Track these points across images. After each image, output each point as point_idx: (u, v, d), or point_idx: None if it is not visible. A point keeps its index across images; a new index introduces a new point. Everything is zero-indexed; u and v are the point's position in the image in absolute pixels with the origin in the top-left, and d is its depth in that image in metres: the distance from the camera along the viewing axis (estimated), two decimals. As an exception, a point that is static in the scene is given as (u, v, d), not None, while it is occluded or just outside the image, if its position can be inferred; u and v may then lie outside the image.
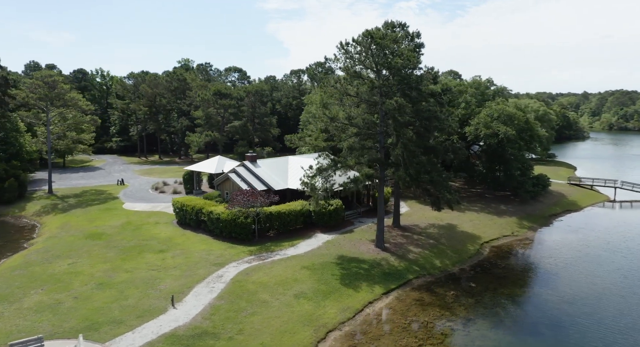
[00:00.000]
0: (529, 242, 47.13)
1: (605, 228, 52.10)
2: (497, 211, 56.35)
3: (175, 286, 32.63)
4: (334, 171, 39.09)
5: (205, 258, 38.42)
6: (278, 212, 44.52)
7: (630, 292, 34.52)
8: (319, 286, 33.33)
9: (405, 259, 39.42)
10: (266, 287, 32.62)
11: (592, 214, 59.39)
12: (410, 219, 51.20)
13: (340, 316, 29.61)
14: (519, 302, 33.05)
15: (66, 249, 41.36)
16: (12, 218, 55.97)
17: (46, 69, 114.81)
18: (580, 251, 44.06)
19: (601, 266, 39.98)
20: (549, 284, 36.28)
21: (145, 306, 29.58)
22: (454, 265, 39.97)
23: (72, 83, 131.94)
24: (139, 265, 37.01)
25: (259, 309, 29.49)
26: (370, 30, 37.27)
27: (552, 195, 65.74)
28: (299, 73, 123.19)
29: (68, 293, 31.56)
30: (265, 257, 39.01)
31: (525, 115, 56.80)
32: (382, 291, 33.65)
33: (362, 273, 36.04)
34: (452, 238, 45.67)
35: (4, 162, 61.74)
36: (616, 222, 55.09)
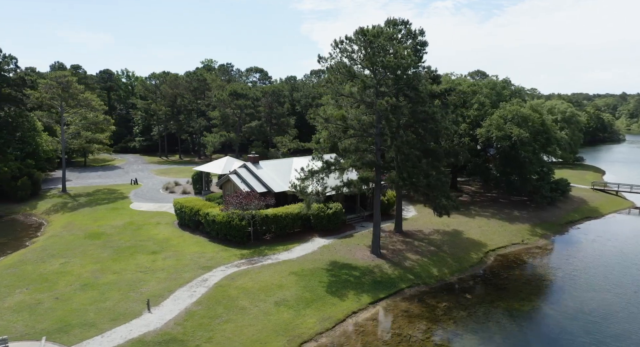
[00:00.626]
0: (539, 251, 44.52)
1: (626, 238, 48.80)
2: (509, 216, 53.70)
3: (157, 289, 32.15)
4: (327, 174, 37.84)
5: (196, 261, 37.87)
6: (274, 215, 43.61)
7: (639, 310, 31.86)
8: (303, 293, 32.17)
9: (401, 267, 37.76)
10: (248, 293, 31.70)
11: (613, 222, 55.86)
12: (416, 225, 49.34)
13: (318, 326, 28.36)
14: (515, 316, 30.93)
15: (63, 248, 41.68)
16: (23, 216, 57.23)
17: (70, 69, 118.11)
18: (593, 262, 41.24)
19: (612, 279, 37.20)
20: (552, 297, 33.92)
21: (122, 309, 29.15)
22: (452, 274, 38.01)
23: (98, 83, 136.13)
24: (128, 266, 36.79)
25: (234, 316, 28.59)
26: (363, 27, 35.84)
27: (573, 201, 62.35)
28: (319, 73, 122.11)
29: (51, 293, 31.54)
30: (256, 261, 38.14)
31: (541, 116, 53.85)
32: (369, 301, 32.17)
33: (352, 281, 34.65)
34: (456, 245, 43.61)
35: (18, 161, 63.24)
36: (638, 232, 51.56)
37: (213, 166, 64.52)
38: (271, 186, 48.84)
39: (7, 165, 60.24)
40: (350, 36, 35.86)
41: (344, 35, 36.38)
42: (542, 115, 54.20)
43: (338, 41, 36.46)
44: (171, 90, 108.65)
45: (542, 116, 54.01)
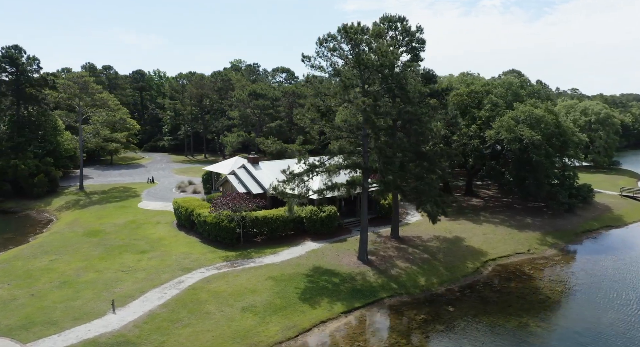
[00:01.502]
0: (545, 262, 41.60)
1: (646, 250, 44.96)
2: (520, 224, 50.65)
3: (130, 290, 32.12)
4: (311, 177, 36.71)
5: (179, 262, 37.72)
6: (264, 217, 42.92)
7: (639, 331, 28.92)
8: (275, 299, 31.25)
9: (386, 275, 36.14)
10: (218, 297, 31.11)
11: (636, 232, 51.69)
12: (416, 230, 47.35)
13: (280, 335, 27.37)
14: (497, 333, 28.77)
15: (59, 245, 42.64)
16: (36, 212, 59.33)
17: (101, 69, 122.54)
18: (600, 276, 38.07)
19: (618, 296, 34.11)
20: (545, 313, 31.38)
21: (89, 308, 29.24)
22: (441, 284, 36.00)
23: (130, 83, 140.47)
24: (112, 265, 37.08)
25: (195, 320, 28.05)
26: (346, 24, 34.50)
27: (595, 207, 58.27)
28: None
29: (29, 289, 32.13)
30: (240, 264, 37.56)
31: (556, 118, 50.38)
32: (342, 310, 30.84)
33: (329, 288, 33.41)
34: (453, 253, 41.43)
35: (37, 159, 65.67)
36: (664, 244, 47.43)
37: (222, 166, 64.62)
38: (267, 187, 48.21)
39: (25, 163, 62.68)
40: (333, 33, 34.61)
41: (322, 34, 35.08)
42: (558, 116, 50.70)
43: (322, 39, 35.29)
44: (196, 90, 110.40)
45: (558, 117, 50.51)
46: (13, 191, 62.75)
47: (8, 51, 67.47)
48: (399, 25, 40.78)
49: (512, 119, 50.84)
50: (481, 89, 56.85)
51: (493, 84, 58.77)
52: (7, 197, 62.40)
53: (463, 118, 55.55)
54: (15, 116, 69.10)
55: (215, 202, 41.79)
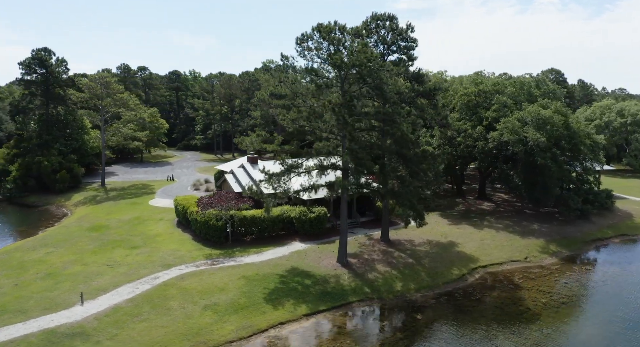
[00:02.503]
0: (539, 271, 39.44)
1: (658, 262, 41.65)
2: (525, 230, 48.26)
3: (105, 284, 33.30)
4: (289, 177, 36.63)
5: (164, 258, 38.73)
6: (252, 216, 43.28)
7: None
8: (240, 298, 31.46)
9: (362, 279, 35.51)
10: (185, 294, 31.69)
11: None
12: (411, 234, 46.19)
13: (233, 334, 27.53)
14: (459, 344, 27.59)
15: (61, 238, 44.86)
16: (55, 206, 62.67)
17: (135, 70, 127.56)
18: (596, 288, 35.68)
19: (605, 311, 31.80)
20: (518, 326, 29.75)
21: (61, 299, 30.59)
22: (418, 291, 34.92)
23: (166, 84, 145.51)
24: (100, 259, 38.59)
25: (154, 316, 28.70)
26: (321, 24, 34.15)
27: (615, 214, 54.62)
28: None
29: (15, 279, 34.02)
30: (220, 262, 38.09)
31: (565, 119, 47.51)
32: (305, 312, 30.59)
33: (299, 289, 33.23)
34: (441, 259, 40.10)
35: (61, 156, 69.29)
36: (682, 256, 43.75)
37: (232, 165, 65.70)
38: (261, 187, 48.48)
39: (49, 160, 66.32)
40: (309, 33, 34.37)
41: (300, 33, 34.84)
42: (568, 117, 47.78)
43: (300, 38, 35.13)
44: (224, 91, 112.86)
45: (567, 118, 47.59)
46: (37, 186, 66.59)
47: (38, 53, 71.66)
48: (388, 24, 40.00)
49: (519, 120, 48.54)
50: (491, 89, 54.53)
51: (504, 83, 56.22)
52: (32, 191, 66.28)
53: (469, 119, 53.62)
54: (44, 115, 73.30)
55: (201, 202, 42.57)
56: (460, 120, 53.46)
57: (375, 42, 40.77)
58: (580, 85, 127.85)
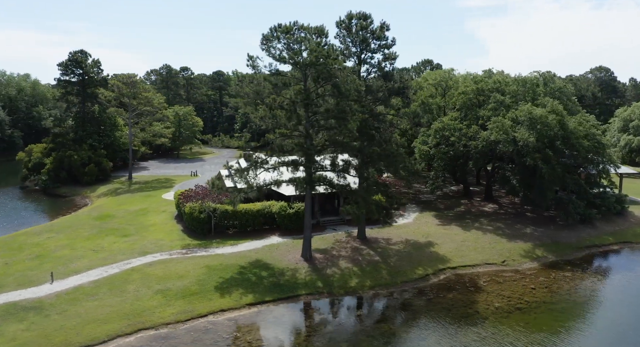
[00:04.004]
0: (512, 275, 38.13)
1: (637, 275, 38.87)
2: (515, 233, 46.57)
3: (81, 266, 36.43)
4: (257, 173, 38.08)
5: (145, 246, 41.52)
6: (233, 210, 45.17)
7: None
8: (193, 285, 33.37)
9: (319, 273, 36.26)
10: (145, 279, 34.06)
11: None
12: (392, 233, 46.07)
13: (172, 317, 29.41)
14: (383, 342, 27.75)
15: (66, 225, 49.17)
16: (80, 197, 68.14)
17: (178, 70, 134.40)
18: (563, 296, 34.04)
19: (555, 320, 30.49)
20: (457, 329, 29.26)
21: (36, 277, 33.94)
22: (372, 288, 35.10)
23: (210, 83, 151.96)
24: (89, 245, 42.05)
25: (108, 296, 31.21)
26: (281, 23, 35.21)
27: (624, 220, 51.17)
28: (402, 71, 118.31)
29: (8, 259, 38.02)
30: (193, 252, 40.29)
31: (562, 118, 45.16)
32: (249, 301, 31.91)
33: (253, 280, 34.62)
34: (410, 258, 39.87)
35: (91, 150, 75.10)
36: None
37: (242, 162, 68.23)
38: (251, 183, 50.27)
39: (79, 154, 72.17)
40: (267, 34, 35.56)
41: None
42: (564, 117, 45.41)
43: (264, 38, 36.42)
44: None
45: (564, 118, 45.24)
46: (68, 178, 72.62)
47: (74, 55, 78.10)
48: (361, 23, 40.32)
49: (512, 119, 46.90)
50: (490, 87, 52.81)
51: (506, 81, 54.16)
52: (63, 183, 72.40)
53: (466, 118, 52.33)
54: (80, 113, 79.72)
55: (183, 194, 45.06)
56: (456, 119, 52.31)
57: (352, 41, 41.18)
58: (632, 84, 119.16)
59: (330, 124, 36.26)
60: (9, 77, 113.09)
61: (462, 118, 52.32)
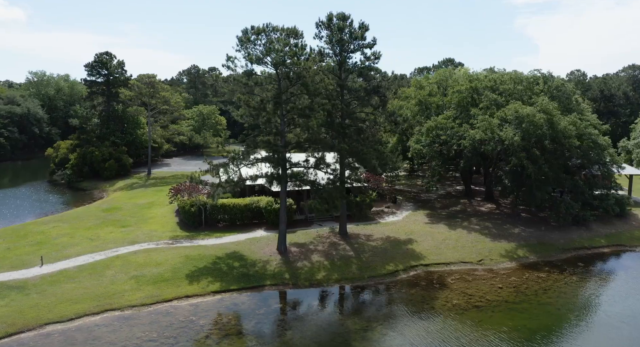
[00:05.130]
0: (484, 274, 38.05)
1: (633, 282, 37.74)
2: (501, 233, 46.14)
3: (73, 253, 39.42)
4: (237, 168, 39.92)
5: (136, 236, 44.24)
6: (222, 204, 47.28)
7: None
8: (166, 272, 35.56)
9: (289, 266, 37.65)
10: (125, 266, 36.58)
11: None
12: (375, 230, 46.78)
13: (139, 300, 31.60)
14: (325, 333, 28.81)
15: (74, 216, 52.91)
16: (99, 191, 72.51)
17: (206, 70, 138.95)
18: (529, 296, 33.84)
19: (511, 322, 30.48)
20: (405, 323, 29.84)
21: (29, 261, 37.12)
22: (338, 281, 36.11)
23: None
24: (88, 234, 45.23)
25: (86, 280, 33.86)
26: (254, 26, 36.78)
27: (625, 223, 49.50)
28: (424, 71, 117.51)
29: (11, 244, 41.58)
30: (178, 243, 42.63)
31: (550, 117, 44.22)
32: (215, 289, 33.73)
33: (223, 270, 36.46)
34: (384, 254, 40.52)
35: (112, 147, 79.63)
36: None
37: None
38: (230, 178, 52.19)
39: (100, 150, 76.77)
40: (242, 36, 37.24)
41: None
42: (553, 116, 44.45)
43: (239, 40, 38.11)
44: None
45: (553, 117, 44.29)
46: (90, 173, 77.36)
47: (100, 57, 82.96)
48: (341, 24, 41.28)
49: (501, 118, 46.46)
50: (485, 86, 52.23)
51: (502, 79, 53.31)
52: (85, 178, 77.20)
53: (458, 117, 52.09)
54: (105, 111, 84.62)
55: (173, 188, 47.58)
56: (449, 118, 52.18)
57: (331, 41, 42.19)
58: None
59: (298, 122, 37.54)
60: (48, 78, 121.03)
61: (456, 117, 52.15)
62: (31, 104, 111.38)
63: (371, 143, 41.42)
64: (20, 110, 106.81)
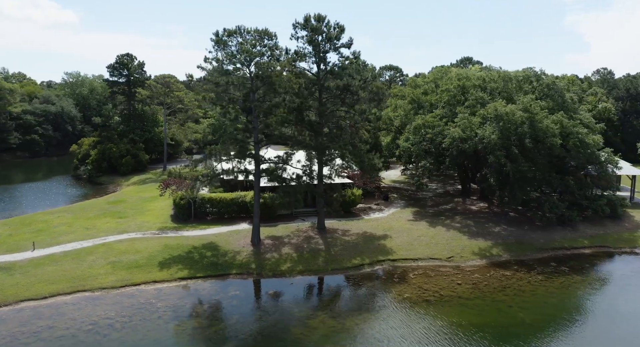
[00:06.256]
0: (448, 270, 38.40)
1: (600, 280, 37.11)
2: (481, 231, 46.11)
3: (65, 240, 42.78)
4: (214, 164, 42.18)
5: (128, 226, 47.32)
6: (210, 198, 49.71)
7: None
8: (141, 259, 38.15)
9: (258, 257, 39.43)
10: (107, 252, 39.46)
11: (624, 261, 41.84)
12: (354, 226, 47.85)
13: (110, 283, 34.23)
14: (267, 320, 30.41)
15: (81, 208, 56.85)
16: (114, 185, 76.92)
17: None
18: (481, 293, 34.11)
19: (455, 317, 31.01)
20: (345, 315, 30.93)
21: (24, 246, 40.66)
22: (301, 273, 37.49)
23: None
24: (86, 224, 48.69)
25: (67, 263, 36.91)
26: (226, 28, 38.77)
27: (617, 224, 48.17)
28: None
29: (12, 231, 45.44)
30: (164, 233, 45.27)
31: (531, 116, 43.68)
32: (182, 276, 35.94)
33: (195, 258, 38.67)
34: (354, 249, 41.57)
35: (130, 144, 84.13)
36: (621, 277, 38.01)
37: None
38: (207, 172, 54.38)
39: (117, 147, 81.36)
40: (215, 38, 39.30)
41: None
42: (535, 115, 43.89)
43: (213, 41, 40.20)
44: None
45: (534, 116, 43.73)
46: (109, 169, 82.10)
47: (121, 58, 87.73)
48: (316, 25, 42.62)
49: (483, 117, 46.40)
50: (473, 84, 52.00)
51: (491, 78, 52.80)
52: (104, 173, 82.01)
53: (445, 115, 52.19)
54: (126, 110, 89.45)
55: (164, 183, 50.30)
56: (437, 116, 52.37)
57: (307, 42, 43.59)
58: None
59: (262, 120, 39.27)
60: (83, 78, 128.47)
61: (444, 115, 52.32)
62: (65, 103, 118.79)
63: (344, 141, 42.54)
64: (55, 109, 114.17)
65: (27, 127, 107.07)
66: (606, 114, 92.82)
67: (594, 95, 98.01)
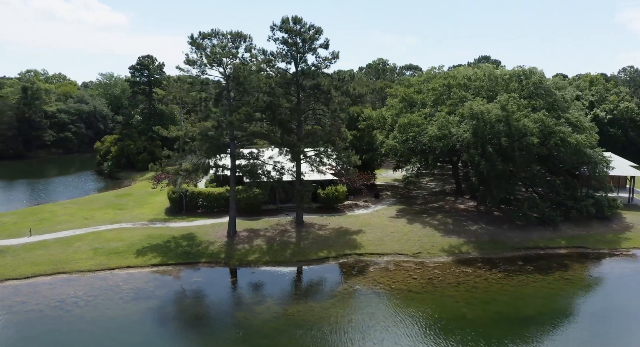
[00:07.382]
0: (410, 265, 39.07)
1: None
2: (457, 229, 46.34)
3: (63, 228, 46.57)
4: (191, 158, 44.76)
5: (122, 217, 50.80)
6: (199, 192, 52.48)
7: None
8: (122, 247, 41.18)
9: (230, 248, 41.62)
10: (94, 240, 42.80)
11: (607, 264, 41.05)
12: (335, 221, 49.23)
13: (87, 267, 37.33)
14: (220, 304, 32.44)
15: (88, 200, 61.13)
16: (129, 180, 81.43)
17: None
18: (434, 287, 34.79)
19: (392, 309, 31.96)
20: (287, 304, 32.65)
21: (23, 233, 44.57)
22: (266, 263, 39.27)
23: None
24: (87, 214, 52.51)
25: (54, 248, 40.43)
26: (202, 31, 41.15)
27: (603, 225, 47.22)
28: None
29: (19, 220, 49.67)
30: (153, 224, 48.37)
31: (507, 115, 43.47)
32: (154, 262, 38.62)
33: (170, 247, 41.35)
34: (325, 243, 42.99)
35: (148, 141, 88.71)
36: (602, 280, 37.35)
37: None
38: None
39: (135, 144, 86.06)
40: (191, 40, 41.76)
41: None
42: (511, 114, 43.67)
43: (190, 43, 42.65)
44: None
45: (510, 116, 43.52)
46: (127, 165, 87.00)
47: (143, 60, 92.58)
48: (292, 27, 44.33)
49: (461, 115, 46.64)
50: (458, 83, 52.01)
51: (477, 76, 52.52)
52: (122, 168, 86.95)
53: (430, 114, 52.55)
54: (146, 109, 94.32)
55: (156, 177, 53.40)
56: (422, 115, 52.80)
57: (284, 43, 45.34)
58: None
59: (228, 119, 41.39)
60: (116, 79, 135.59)
61: (428, 114, 52.74)
62: (98, 102, 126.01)
63: (320, 138, 44.07)
64: (88, 108, 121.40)
65: (61, 125, 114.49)
66: (629, 114, 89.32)
67: (617, 94, 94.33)
